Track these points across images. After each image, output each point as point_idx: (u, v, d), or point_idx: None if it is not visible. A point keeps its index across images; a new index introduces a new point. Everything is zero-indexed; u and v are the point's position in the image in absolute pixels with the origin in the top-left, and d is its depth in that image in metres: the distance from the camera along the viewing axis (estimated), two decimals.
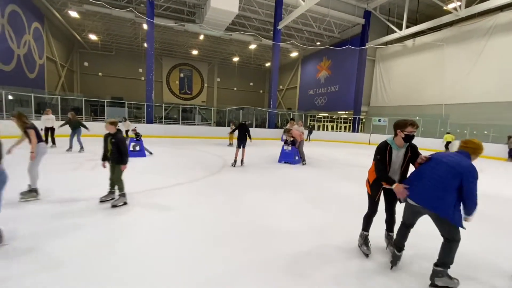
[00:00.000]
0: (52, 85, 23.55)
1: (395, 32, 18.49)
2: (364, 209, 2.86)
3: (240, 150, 7.63)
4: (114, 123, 3.94)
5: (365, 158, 11.35)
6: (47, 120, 9.76)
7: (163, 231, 3.20)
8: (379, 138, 18.92)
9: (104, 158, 4.06)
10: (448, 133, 15.12)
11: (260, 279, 2.32)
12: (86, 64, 30.11)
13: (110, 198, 4.03)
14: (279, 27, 18.68)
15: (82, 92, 28.36)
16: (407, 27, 17.71)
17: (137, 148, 8.51)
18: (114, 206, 3.82)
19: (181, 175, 6.18)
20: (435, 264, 2.29)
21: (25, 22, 17.90)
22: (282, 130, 18.94)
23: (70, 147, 8.80)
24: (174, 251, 2.74)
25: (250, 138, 7.72)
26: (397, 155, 2.58)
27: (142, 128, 16.24)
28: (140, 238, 2.99)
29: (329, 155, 11.66)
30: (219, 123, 25.33)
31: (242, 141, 7.56)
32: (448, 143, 15.02)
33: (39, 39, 20.26)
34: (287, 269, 2.51)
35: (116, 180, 3.96)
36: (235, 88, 38.38)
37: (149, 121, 17.12)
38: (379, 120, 19.63)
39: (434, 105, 18.38)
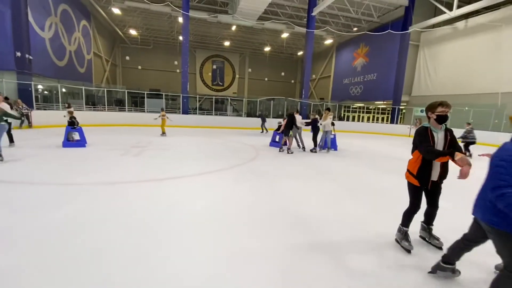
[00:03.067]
0: (98, 79, 25.56)
1: (444, 13, 16.73)
2: (401, 202, 2.73)
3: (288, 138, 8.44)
4: None
5: (404, 150, 10.65)
6: None
7: (204, 212, 3.36)
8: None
9: None
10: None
11: (291, 262, 2.35)
12: (127, 58, 32.04)
13: None
14: (313, 14, 17.98)
15: (124, 84, 30.34)
16: (459, 7, 15.90)
17: (76, 137, 7.56)
18: None
19: (217, 163, 6.39)
20: None
21: (75, 20, 19.48)
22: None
23: None
24: (213, 232, 2.88)
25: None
26: (438, 137, 2.46)
27: (177, 118, 17.03)
28: (183, 217, 3.18)
29: (365, 147, 11.15)
30: (249, 114, 25.52)
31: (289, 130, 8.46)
32: None
33: (87, 36, 21.96)
34: (319, 254, 2.51)
35: None
36: (266, 79, 38.11)
37: (185, 111, 17.82)
38: (422, 111, 18.15)
39: (488, 94, 16.45)
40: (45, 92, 17.84)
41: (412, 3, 18.87)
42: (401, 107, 21.29)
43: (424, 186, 2.55)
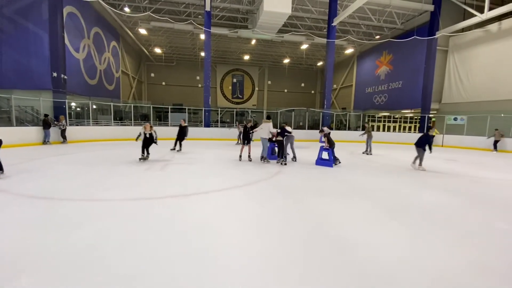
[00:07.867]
0: (125, 95, 26.88)
1: (474, 16, 15.86)
2: (460, 224, 2.32)
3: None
4: None
5: (440, 162, 9.89)
6: None
7: (235, 233, 3.15)
8: (455, 140, 16.38)
9: None
10: (432, 128, 16.25)
11: None
12: (152, 75, 33.64)
13: None
14: (334, 24, 17.80)
15: (149, 100, 31.67)
16: (491, 9, 15.02)
17: None
18: None
19: (242, 177, 6.21)
20: None
21: (105, 42, 20.79)
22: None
23: None
24: (246, 255, 2.64)
25: None
26: None
27: (198, 132, 17.24)
28: (212, 236, 2.99)
29: (396, 159, 10.50)
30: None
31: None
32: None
33: (116, 55, 23.32)
34: None
35: None
36: (286, 90, 38.10)
37: (207, 125, 18.05)
38: (455, 119, 17.03)
39: None
40: (78, 108, 18.93)
41: (438, 8, 18.16)
42: (430, 115, 20.14)
43: None
